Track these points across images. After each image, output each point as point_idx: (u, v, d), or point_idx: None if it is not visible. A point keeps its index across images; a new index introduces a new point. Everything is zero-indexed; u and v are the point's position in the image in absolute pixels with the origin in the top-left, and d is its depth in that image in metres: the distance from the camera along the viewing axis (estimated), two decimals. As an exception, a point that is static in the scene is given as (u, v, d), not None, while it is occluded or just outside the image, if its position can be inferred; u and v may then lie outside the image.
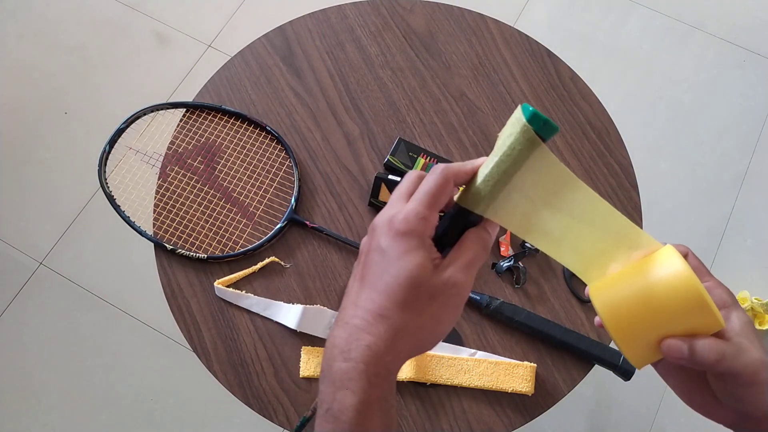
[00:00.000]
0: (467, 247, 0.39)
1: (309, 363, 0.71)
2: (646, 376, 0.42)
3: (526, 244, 0.74)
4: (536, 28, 1.66)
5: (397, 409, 0.70)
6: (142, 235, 0.77)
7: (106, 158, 0.79)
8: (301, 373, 0.71)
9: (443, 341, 0.72)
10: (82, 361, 1.40)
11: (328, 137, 0.82)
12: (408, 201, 0.39)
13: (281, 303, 0.74)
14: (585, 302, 0.74)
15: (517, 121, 0.36)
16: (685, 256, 0.41)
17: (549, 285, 0.75)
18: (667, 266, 0.39)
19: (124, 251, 1.47)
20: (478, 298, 0.73)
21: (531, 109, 0.36)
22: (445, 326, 0.39)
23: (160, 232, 0.77)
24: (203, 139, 0.82)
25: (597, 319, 0.42)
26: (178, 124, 0.83)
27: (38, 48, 1.70)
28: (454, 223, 0.40)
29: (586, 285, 0.43)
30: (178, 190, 0.79)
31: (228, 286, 0.75)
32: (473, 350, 0.72)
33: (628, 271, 0.41)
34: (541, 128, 0.36)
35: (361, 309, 0.38)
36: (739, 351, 0.38)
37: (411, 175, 0.41)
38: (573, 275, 0.74)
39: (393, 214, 0.38)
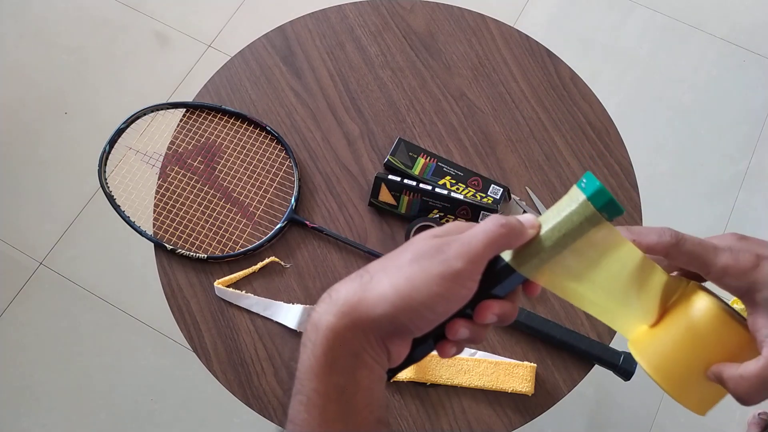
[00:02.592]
0: (478, 226, 0.36)
1: (309, 363, 0.71)
2: (646, 376, 0.42)
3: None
4: (536, 28, 1.66)
5: (387, 401, 0.70)
6: (142, 235, 0.77)
7: (106, 158, 0.79)
8: (301, 373, 0.71)
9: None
10: (82, 361, 1.40)
11: (328, 137, 0.82)
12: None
13: (281, 303, 0.74)
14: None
15: (577, 195, 0.36)
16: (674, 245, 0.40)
17: (549, 285, 0.75)
18: (696, 309, 0.39)
19: (124, 251, 1.47)
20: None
21: (596, 185, 0.35)
22: (421, 301, 0.34)
23: (160, 232, 0.77)
24: (203, 139, 0.82)
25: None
26: (178, 124, 0.83)
27: (38, 48, 1.70)
28: (489, 268, 0.37)
29: None
30: (178, 190, 0.79)
31: (228, 286, 0.75)
32: (473, 350, 0.72)
33: (666, 324, 0.41)
34: (604, 207, 0.35)
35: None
36: None
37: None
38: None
39: (457, 246, 0.35)
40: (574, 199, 0.37)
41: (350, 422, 0.35)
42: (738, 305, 0.44)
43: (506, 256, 0.38)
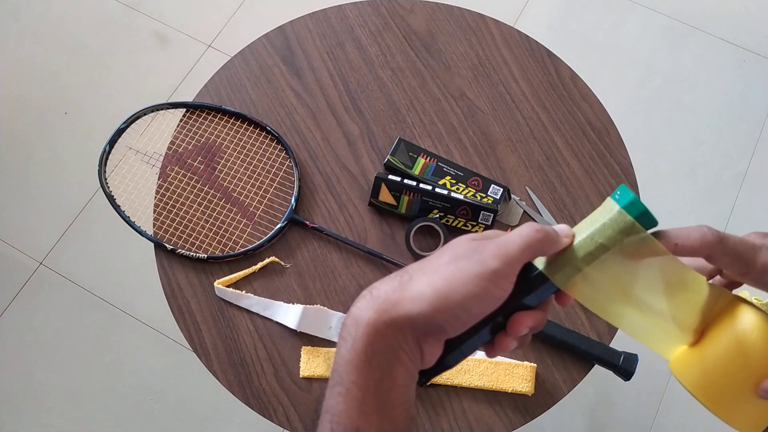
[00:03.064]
0: (514, 231, 0.37)
1: (309, 363, 0.71)
2: (646, 376, 0.42)
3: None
4: (536, 28, 1.66)
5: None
6: (142, 235, 0.77)
7: (106, 158, 0.79)
8: (301, 373, 0.71)
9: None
10: (82, 361, 1.40)
11: (328, 137, 0.82)
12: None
13: (281, 303, 0.74)
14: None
15: (611, 206, 0.37)
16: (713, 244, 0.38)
17: (549, 285, 0.75)
18: (742, 324, 0.38)
19: (124, 251, 1.47)
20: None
21: (630, 196, 0.36)
22: (457, 301, 0.35)
23: (160, 232, 0.77)
24: (203, 139, 0.82)
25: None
26: (178, 124, 0.83)
27: (38, 48, 1.70)
28: (522, 277, 0.37)
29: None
30: (178, 190, 0.79)
31: (228, 286, 0.75)
32: (473, 350, 0.72)
33: (709, 341, 0.39)
34: (639, 217, 0.35)
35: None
36: None
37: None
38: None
39: (495, 248, 0.36)
40: (607, 210, 0.37)
41: (385, 416, 0.36)
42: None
43: (539, 264, 0.38)
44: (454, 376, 0.70)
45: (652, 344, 0.41)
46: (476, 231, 0.74)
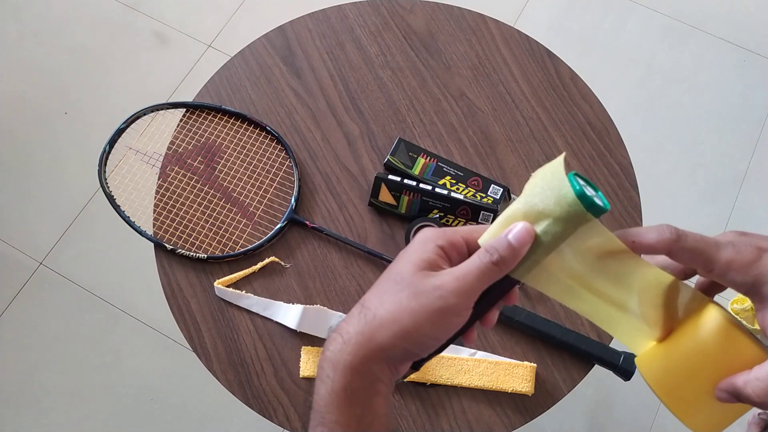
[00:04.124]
0: (472, 260, 0.38)
1: (309, 363, 0.71)
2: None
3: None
4: (536, 28, 1.66)
5: (394, 410, 0.70)
6: (142, 235, 0.77)
7: (106, 158, 0.79)
8: (301, 373, 0.71)
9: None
10: (82, 361, 1.40)
11: (328, 137, 0.82)
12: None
13: (281, 303, 0.74)
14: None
15: (563, 195, 0.36)
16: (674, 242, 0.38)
17: (549, 285, 0.75)
18: (704, 324, 0.38)
19: (124, 251, 1.47)
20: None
21: (578, 187, 0.35)
22: (424, 333, 0.37)
23: (160, 232, 0.77)
24: (203, 139, 0.82)
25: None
26: (178, 124, 0.83)
27: (38, 48, 1.70)
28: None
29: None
30: (178, 190, 0.79)
31: (228, 286, 0.75)
32: (473, 350, 0.72)
33: (673, 339, 0.40)
34: (589, 207, 0.35)
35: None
36: None
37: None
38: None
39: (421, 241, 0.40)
40: (559, 199, 0.36)
41: None
42: (739, 305, 0.44)
43: None
44: (454, 376, 0.70)
45: (619, 336, 0.41)
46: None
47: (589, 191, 0.37)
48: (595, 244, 0.37)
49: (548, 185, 0.36)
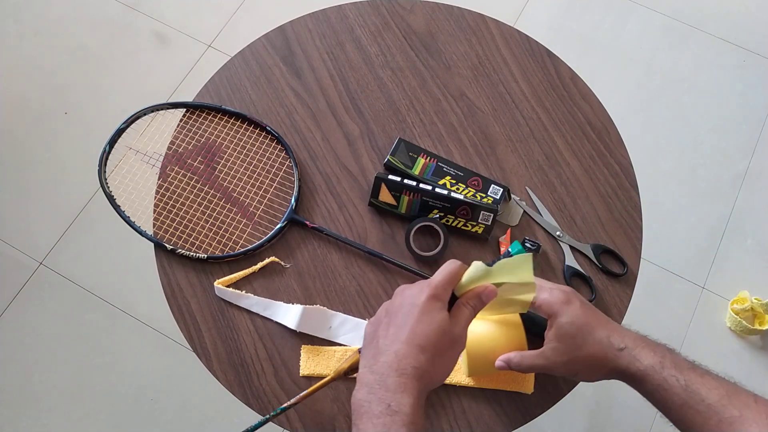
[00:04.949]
0: (462, 312, 0.53)
1: (309, 362, 0.71)
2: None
3: (526, 243, 0.74)
4: (536, 28, 1.66)
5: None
6: (142, 235, 0.77)
7: (106, 158, 0.79)
8: (301, 371, 0.71)
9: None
10: (82, 361, 1.40)
11: (328, 137, 0.82)
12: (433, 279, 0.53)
13: (281, 303, 0.74)
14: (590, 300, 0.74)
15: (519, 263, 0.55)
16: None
17: (549, 285, 0.75)
18: (500, 319, 0.66)
19: (124, 251, 1.47)
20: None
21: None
22: (450, 369, 0.53)
23: (160, 232, 0.77)
24: (203, 139, 0.82)
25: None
26: (178, 124, 0.83)
27: (38, 48, 1.70)
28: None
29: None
30: (178, 190, 0.79)
31: (228, 286, 0.75)
32: (473, 350, 0.72)
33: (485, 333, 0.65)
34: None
35: (400, 343, 0.50)
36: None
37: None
38: (575, 274, 0.74)
39: (427, 282, 0.52)
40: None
41: None
42: (739, 305, 0.44)
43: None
44: (454, 375, 0.70)
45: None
46: (476, 231, 0.74)
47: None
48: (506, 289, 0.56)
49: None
